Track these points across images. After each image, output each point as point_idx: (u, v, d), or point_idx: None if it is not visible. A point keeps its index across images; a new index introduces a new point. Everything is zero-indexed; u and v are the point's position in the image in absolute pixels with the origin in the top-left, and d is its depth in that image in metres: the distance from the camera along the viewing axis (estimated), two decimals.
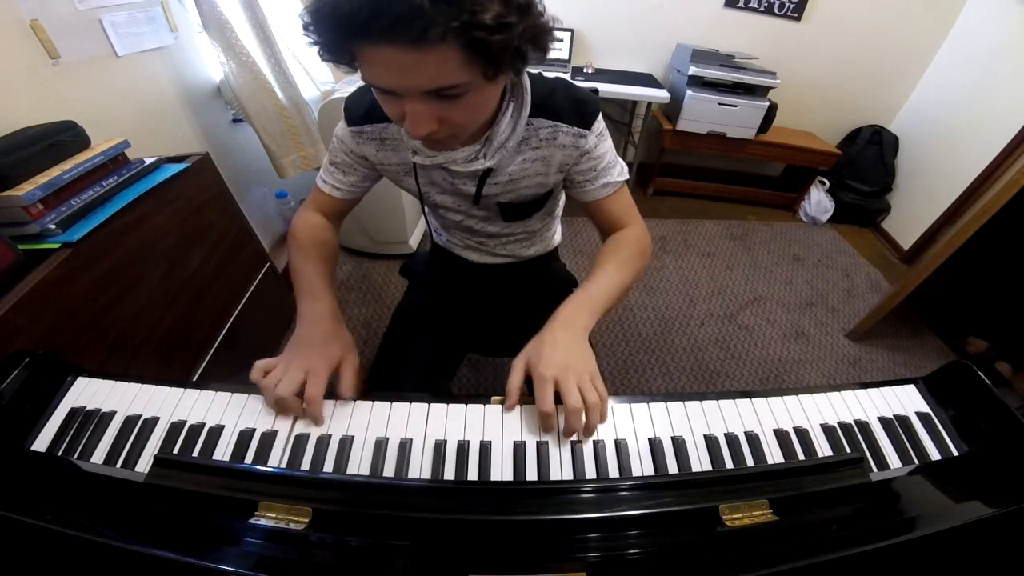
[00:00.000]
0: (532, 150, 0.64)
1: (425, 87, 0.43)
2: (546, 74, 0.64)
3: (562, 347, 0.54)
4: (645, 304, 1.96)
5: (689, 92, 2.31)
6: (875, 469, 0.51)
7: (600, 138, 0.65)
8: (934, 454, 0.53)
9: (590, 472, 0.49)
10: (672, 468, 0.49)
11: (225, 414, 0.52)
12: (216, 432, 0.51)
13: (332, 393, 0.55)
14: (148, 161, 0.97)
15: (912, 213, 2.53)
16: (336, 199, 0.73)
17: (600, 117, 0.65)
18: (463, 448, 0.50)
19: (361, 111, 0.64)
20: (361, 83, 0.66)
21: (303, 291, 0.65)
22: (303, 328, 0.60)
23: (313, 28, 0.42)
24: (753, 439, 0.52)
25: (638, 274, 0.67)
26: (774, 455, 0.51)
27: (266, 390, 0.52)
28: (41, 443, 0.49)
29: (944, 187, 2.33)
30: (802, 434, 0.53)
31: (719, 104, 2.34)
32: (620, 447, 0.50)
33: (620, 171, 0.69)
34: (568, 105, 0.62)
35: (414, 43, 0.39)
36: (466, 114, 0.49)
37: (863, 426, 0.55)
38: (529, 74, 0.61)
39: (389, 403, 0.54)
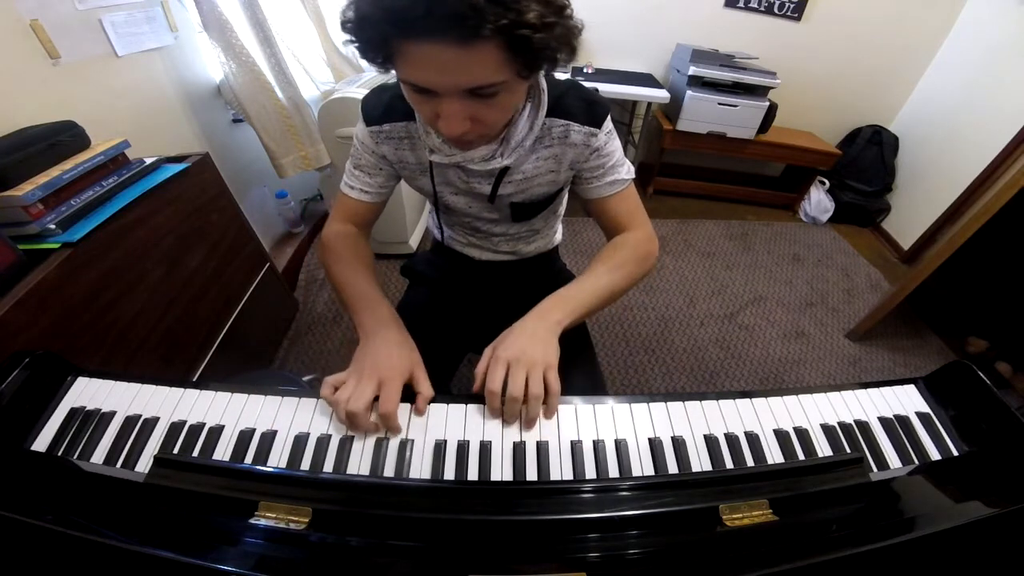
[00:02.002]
0: (545, 148, 0.65)
1: (466, 85, 0.45)
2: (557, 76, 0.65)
3: (527, 335, 0.55)
4: (645, 304, 1.96)
5: (689, 92, 2.31)
6: (875, 469, 0.51)
7: (609, 136, 0.67)
8: (934, 454, 0.53)
9: (590, 472, 0.48)
10: (672, 468, 0.49)
11: (225, 414, 0.52)
12: (216, 432, 0.50)
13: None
14: (148, 161, 0.97)
15: (912, 213, 2.53)
16: (366, 203, 0.72)
17: (609, 117, 0.67)
18: (463, 448, 0.50)
19: (380, 111, 0.66)
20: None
21: (358, 302, 0.63)
22: (369, 340, 0.58)
23: (355, 24, 0.43)
24: (753, 439, 0.52)
25: (633, 279, 0.67)
26: (774, 455, 0.51)
27: (336, 405, 0.51)
28: (41, 443, 0.49)
29: (944, 187, 2.33)
30: (802, 434, 0.53)
31: (719, 104, 2.34)
32: (620, 447, 0.50)
33: (628, 170, 0.70)
34: (580, 105, 0.64)
35: (461, 40, 0.40)
36: (498, 113, 0.50)
37: (863, 426, 0.55)
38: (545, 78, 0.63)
39: None
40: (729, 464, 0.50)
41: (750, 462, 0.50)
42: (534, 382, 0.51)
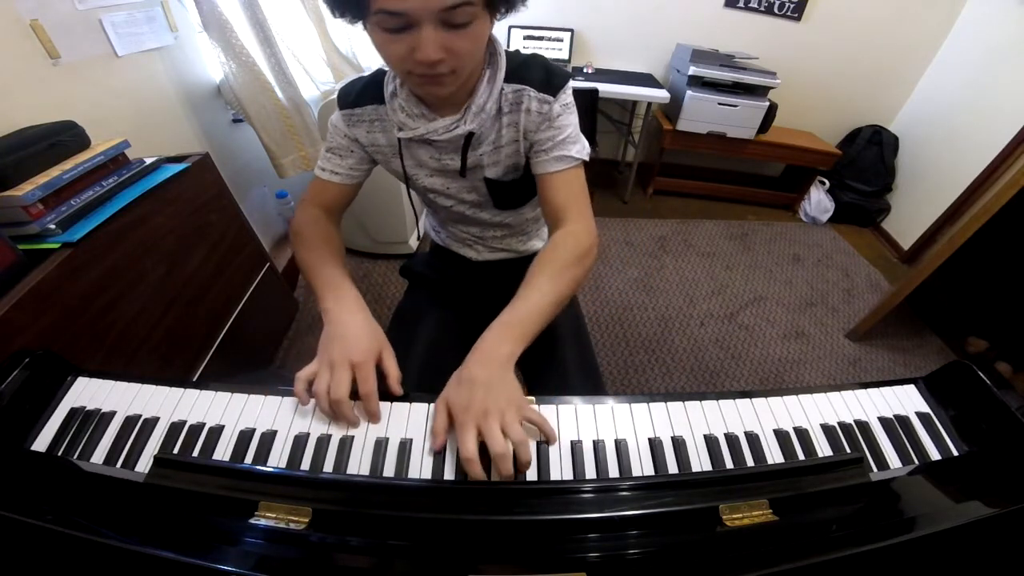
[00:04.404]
0: (506, 115, 0.66)
1: (440, 5, 0.46)
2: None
3: (481, 387, 0.50)
4: (645, 304, 1.96)
5: (689, 92, 2.31)
6: (875, 469, 0.51)
7: (565, 109, 0.65)
8: (934, 454, 0.53)
9: (590, 472, 0.48)
10: (672, 468, 0.49)
11: (225, 414, 0.52)
12: (216, 432, 0.50)
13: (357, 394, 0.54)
14: (148, 161, 0.97)
15: (912, 213, 2.53)
16: (336, 185, 0.73)
17: (569, 90, 0.65)
18: None
19: (352, 95, 0.68)
20: (352, 78, 0.67)
21: (324, 287, 0.64)
22: (334, 326, 0.58)
23: None
24: (753, 439, 0.52)
25: (577, 282, 0.63)
26: (774, 455, 0.51)
27: (319, 397, 0.51)
28: (41, 443, 0.49)
29: (944, 187, 2.33)
30: (802, 434, 0.53)
31: (719, 104, 2.34)
32: (620, 447, 0.50)
33: (579, 150, 0.66)
34: (538, 73, 0.64)
35: None
36: (469, 45, 0.51)
37: (863, 426, 0.55)
38: (506, 51, 0.64)
39: (389, 403, 0.54)
40: (729, 464, 0.50)
41: (750, 462, 0.50)
42: (513, 430, 0.47)
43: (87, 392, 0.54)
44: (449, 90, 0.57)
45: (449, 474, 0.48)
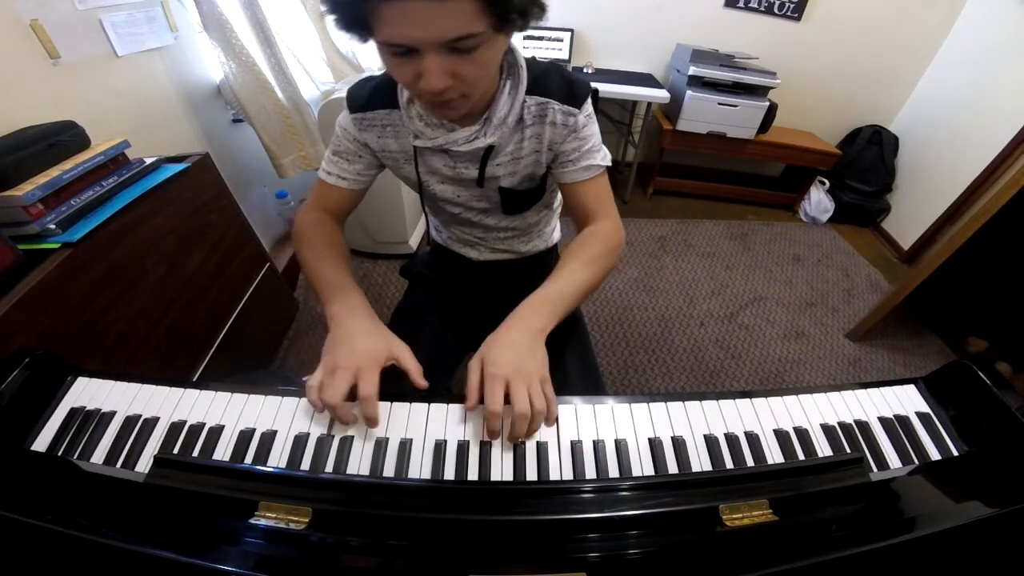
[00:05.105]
0: (528, 128, 0.65)
1: (444, 37, 0.45)
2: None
3: (515, 349, 0.53)
4: (645, 304, 1.96)
5: (689, 92, 2.31)
6: (875, 469, 0.51)
7: (589, 119, 0.66)
8: (934, 454, 0.53)
9: (590, 472, 0.48)
10: (672, 468, 0.49)
11: (225, 414, 0.52)
12: (216, 432, 0.50)
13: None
14: (148, 161, 0.97)
15: (912, 213, 2.53)
16: (342, 190, 0.72)
17: (590, 100, 0.66)
18: (463, 448, 0.50)
19: (363, 99, 0.66)
20: (361, 78, 0.66)
21: (328, 291, 0.63)
22: (338, 329, 0.57)
23: None
24: (753, 439, 0.52)
25: (605, 272, 0.67)
26: (774, 455, 0.51)
27: (311, 396, 0.51)
28: (41, 443, 0.49)
29: (944, 187, 2.33)
30: (802, 434, 0.53)
31: (719, 104, 2.34)
32: (620, 447, 0.50)
33: (603, 157, 0.69)
34: (560, 84, 0.64)
35: None
36: (478, 70, 0.50)
37: (863, 426, 0.55)
38: (525, 58, 0.63)
39: (389, 403, 0.54)
40: (729, 464, 0.50)
41: (750, 462, 0.50)
42: (536, 397, 0.50)
43: (87, 392, 0.54)
44: (461, 112, 0.56)
45: (449, 474, 0.48)
